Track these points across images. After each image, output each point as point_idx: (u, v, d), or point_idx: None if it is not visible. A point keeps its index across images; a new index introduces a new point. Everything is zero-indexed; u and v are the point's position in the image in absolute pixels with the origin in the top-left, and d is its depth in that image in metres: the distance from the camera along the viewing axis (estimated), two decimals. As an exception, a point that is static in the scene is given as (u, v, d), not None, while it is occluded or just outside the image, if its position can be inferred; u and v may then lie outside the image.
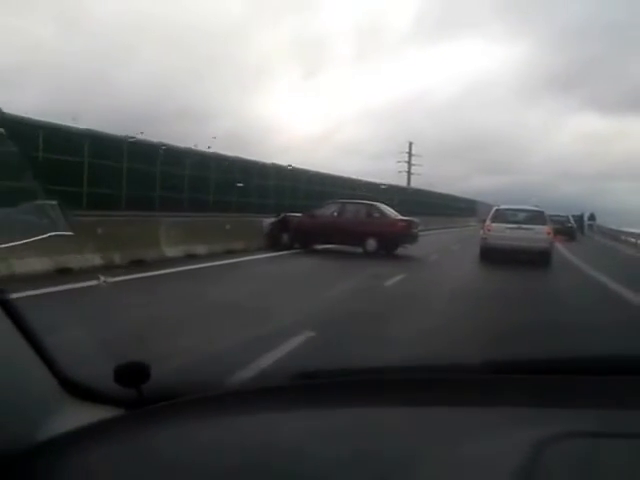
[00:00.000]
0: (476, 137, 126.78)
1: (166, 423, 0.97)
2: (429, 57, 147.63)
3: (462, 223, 49.63)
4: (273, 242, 17.56)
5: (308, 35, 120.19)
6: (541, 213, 16.42)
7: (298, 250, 17.35)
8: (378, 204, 18.39)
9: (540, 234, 15.23)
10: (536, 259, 14.79)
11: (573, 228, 32.87)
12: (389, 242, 16.85)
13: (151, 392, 1.09)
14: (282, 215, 18.25)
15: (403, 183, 56.42)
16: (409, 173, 62.43)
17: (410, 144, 62.70)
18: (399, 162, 62.18)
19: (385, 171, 61.17)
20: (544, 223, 15.73)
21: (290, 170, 28.05)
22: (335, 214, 17.70)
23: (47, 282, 7.85)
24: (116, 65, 76.19)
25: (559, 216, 33.24)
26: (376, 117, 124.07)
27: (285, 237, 17.80)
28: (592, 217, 45.09)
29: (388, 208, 18.35)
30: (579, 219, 39.30)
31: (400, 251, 17.22)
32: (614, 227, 37.79)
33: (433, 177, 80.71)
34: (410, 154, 62.57)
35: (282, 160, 28.15)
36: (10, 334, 1.02)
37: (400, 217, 17.83)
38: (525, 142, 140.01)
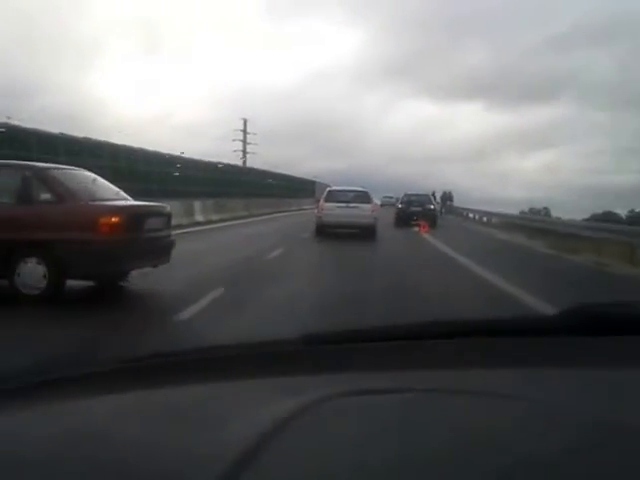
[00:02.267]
0: (317, 121, 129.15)
1: None
2: (274, 40, 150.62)
3: (297, 205, 41.34)
4: None
5: (148, 12, 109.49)
6: (366, 193, 18.41)
7: None
8: (49, 169, 7.36)
9: (365, 211, 17.12)
10: (363, 233, 16.38)
11: (435, 211, 24.84)
12: (77, 268, 6.59)
13: None
14: None
15: (239, 163, 50.35)
16: (244, 152, 56.75)
17: (245, 121, 57.80)
18: (234, 140, 56.80)
19: (229, 153, 54.24)
20: (369, 202, 17.84)
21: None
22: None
23: None
24: None
25: (418, 195, 25.09)
26: (220, 100, 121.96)
27: None
28: (449, 197, 37.33)
29: (91, 178, 7.64)
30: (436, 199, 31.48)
31: (134, 285, 7.34)
32: (476, 208, 30.58)
33: (274, 158, 74.89)
34: (245, 132, 57.66)
35: (121, 140, 21.76)
36: None
37: (120, 203, 7.41)
38: (362, 126, 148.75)
